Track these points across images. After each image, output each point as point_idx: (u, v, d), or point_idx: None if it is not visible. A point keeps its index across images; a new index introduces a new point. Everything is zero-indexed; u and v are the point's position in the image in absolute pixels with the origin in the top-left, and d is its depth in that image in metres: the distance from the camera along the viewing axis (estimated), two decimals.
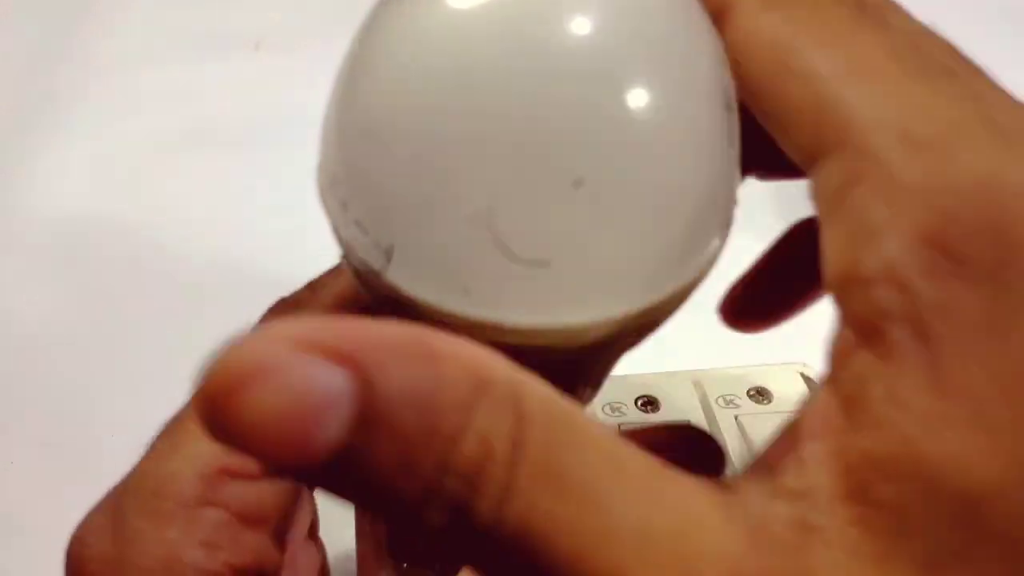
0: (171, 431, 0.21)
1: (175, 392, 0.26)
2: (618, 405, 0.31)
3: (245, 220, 0.46)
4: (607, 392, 0.31)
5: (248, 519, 0.20)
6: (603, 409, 0.31)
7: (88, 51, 0.54)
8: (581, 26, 0.15)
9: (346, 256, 0.16)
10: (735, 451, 0.30)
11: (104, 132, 0.49)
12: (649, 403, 0.31)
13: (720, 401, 0.31)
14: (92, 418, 0.37)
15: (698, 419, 0.31)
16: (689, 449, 0.22)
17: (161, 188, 0.48)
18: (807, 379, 0.32)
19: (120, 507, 0.19)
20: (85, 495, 0.21)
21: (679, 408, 0.31)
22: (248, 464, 0.20)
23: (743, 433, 0.30)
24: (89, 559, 0.19)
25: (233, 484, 0.20)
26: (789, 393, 0.31)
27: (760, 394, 0.31)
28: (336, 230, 0.17)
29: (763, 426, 0.30)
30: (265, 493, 0.20)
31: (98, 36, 0.55)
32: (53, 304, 0.42)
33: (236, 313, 0.40)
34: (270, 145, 0.49)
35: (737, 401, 0.31)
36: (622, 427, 0.30)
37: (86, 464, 0.34)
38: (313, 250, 0.22)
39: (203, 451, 0.20)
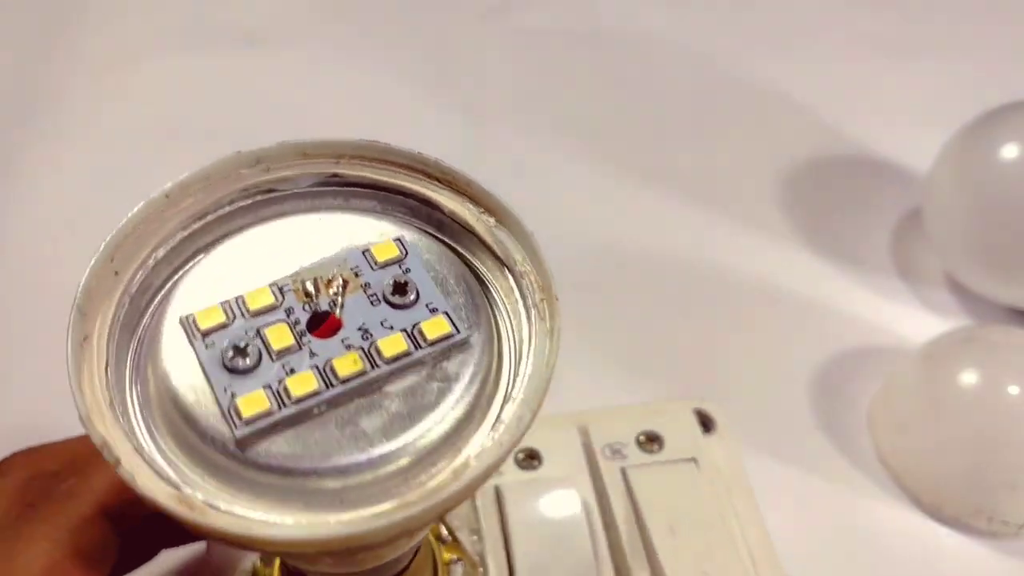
0: (9, 536, 0.22)
1: None
2: None
3: None
4: None
5: None
6: None
7: (79, 46, 0.53)
8: None
9: None
10: (620, 515, 0.27)
11: (95, 127, 0.48)
12: (532, 456, 0.29)
13: (607, 451, 0.29)
14: None
15: (583, 478, 0.28)
16: None
17: (151, 183, 0.45)
18: (704, 417, 0.30)
19: None
20: None
21: (561, 464, 0.28)
22: None
23: (629, 490, 0.27)
24: None
25: None
26: (683, 439, 0.29)
27: (651, 440, 0.29)
28: None
29: (651, 480, 0.28)
30: None
31: (89, 31, 0.54)
32: (48, 303, 0.40)
33: None
34: (262, 140, 0.46)
35: (624, 451, 0.29)
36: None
37: None
38: None
39: (32, 567, 0.21)
